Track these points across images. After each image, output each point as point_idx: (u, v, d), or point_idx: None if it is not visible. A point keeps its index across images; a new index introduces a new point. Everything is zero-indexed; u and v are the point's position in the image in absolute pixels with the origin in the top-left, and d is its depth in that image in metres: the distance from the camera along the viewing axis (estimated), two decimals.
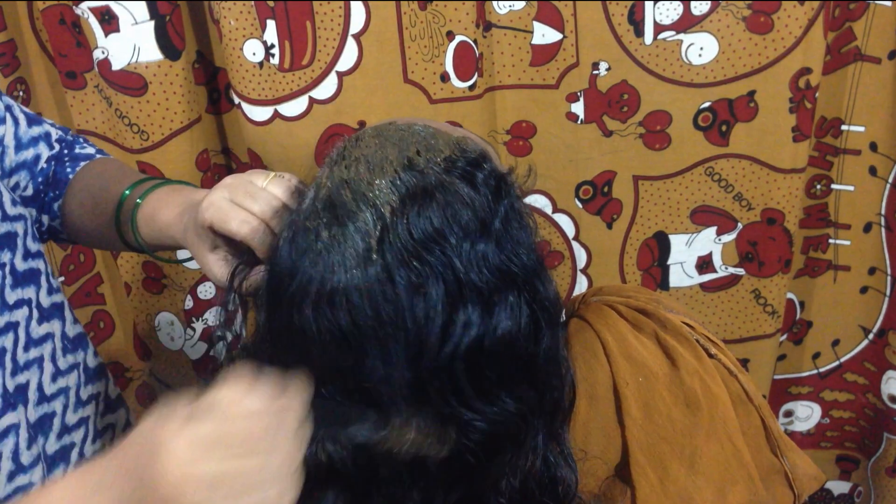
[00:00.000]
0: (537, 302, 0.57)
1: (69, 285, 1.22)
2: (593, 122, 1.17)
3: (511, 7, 1.11)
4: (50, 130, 0.85)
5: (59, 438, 0.78)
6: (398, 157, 0.57)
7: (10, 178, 0.80)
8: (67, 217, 0.84)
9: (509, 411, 0.56)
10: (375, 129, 0.62)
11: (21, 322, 0.74)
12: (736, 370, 0.69)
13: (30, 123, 0.82)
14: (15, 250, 0.74)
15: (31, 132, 0.82)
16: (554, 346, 0.59)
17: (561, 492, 0.61)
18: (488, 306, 0.55)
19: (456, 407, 0.55)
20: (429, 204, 0.55)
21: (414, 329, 0.53)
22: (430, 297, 0.53)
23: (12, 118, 0.80)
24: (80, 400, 0.82)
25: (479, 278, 0.54)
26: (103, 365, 0.89)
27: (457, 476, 0.58)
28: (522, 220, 0.59)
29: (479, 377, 0.55)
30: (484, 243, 0.55)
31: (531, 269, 0.57)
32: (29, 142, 0.81)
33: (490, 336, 0.54)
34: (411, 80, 1.13)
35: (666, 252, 1.26)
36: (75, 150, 0.86)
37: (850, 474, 1.47)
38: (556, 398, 0.60)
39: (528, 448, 0.58)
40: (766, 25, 1.10)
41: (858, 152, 1.22)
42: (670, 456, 0.64)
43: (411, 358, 0.54)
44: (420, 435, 0.55)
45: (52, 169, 0.83)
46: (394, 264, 0.53)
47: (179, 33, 1.13)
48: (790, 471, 0.69)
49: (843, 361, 1.37)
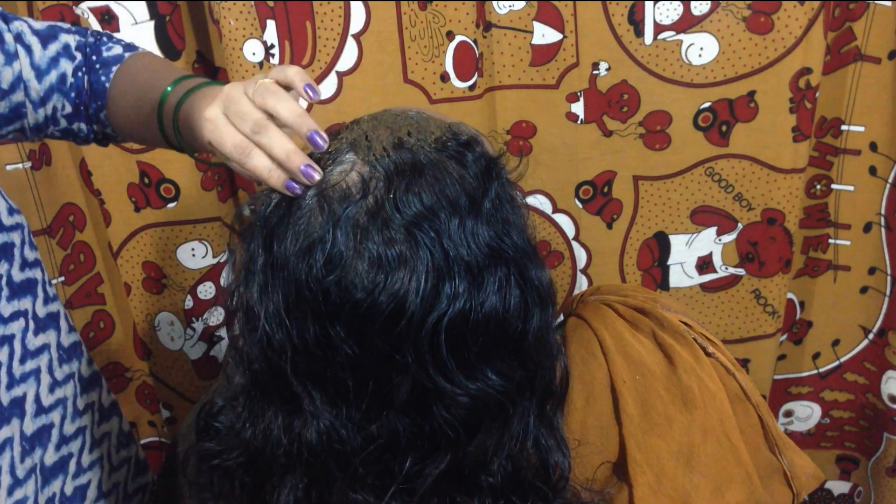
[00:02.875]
0: (527, 282, 0.57)
1: (69, 285, 1.23)
2: (593, 122, 1.17)
3: (511, 7, 1.11)
4: (68, 41, 0.80)
5: (57, 450, 0.77)
6: (389, 138, 0.58)
7: (44, 107, 0.78)
8: (115, 122, 0.80)
9: (494, 388, 0.56)
10: (371, 115, 0.63)
11: (17, 334, 0.73)
12: (733, 368, 0.69)
13: (44, 43, 0.78)
14: (12, 261, 0.73)
15: (48, 53, 0.78)
16: (544, 328, 0.59)
17: (554, 477, 0.61)
18: (477, 281, 0.55)
19: (435, 378, 0.55)
20: (418, 180, 0.55)
21: (400, 297, 0.53)
22: (417, 269, 0.53)
23: (24, 47, 0.76)
24: (76, 410, 0.81)
25: (467, 253, 0.55)
26: (97, 373, 0.88)
27: (438, 448, 0.58)
28: (513, 203, 0.59)
29: (462, 350, 0.55)
30: (473, 221, 0.55)
31: (521, 248, 0.57)
32: (49, 64, 0.78)
33: (476, 311, 0.54)
34: (411, 80, 1.13)
35: (666, 252, 1.26)
36: (102, 53, 0.81)
37: (850, 474, 1.47)
38: (547, 380, 0.60)
39: (516, 428, 0.58)
40: (766, 25, 1.10)
41: (858, 152, 1.22)
42: (667, 454, 0.63)
43: (394, 325, 0.54)
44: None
45: (86, 79, 0.80)
46: (383, 239, 0.53)
47: (179, 33, 1.13)
48: (788, 469, 0.69)
49: (843, 361, 1.37)
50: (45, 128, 0.80)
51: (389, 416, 0.56)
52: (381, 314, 0.53)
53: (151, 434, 1.41)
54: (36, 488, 0.74)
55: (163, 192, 1.23)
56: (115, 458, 0.88)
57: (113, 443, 0.89)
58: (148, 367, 1.36)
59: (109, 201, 1.24)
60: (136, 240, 1.26)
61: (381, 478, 0.58)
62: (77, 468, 0.80)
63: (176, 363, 1.35)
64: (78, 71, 0.79)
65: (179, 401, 1.39)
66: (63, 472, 0.78)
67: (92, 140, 0.83)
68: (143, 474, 0.95)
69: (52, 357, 0.77)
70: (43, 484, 0.75)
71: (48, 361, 0.77)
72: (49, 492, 0.76)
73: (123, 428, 0.91)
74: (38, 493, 0.74)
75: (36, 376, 0.75)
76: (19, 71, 0.76)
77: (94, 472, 0.84)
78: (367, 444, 0.57)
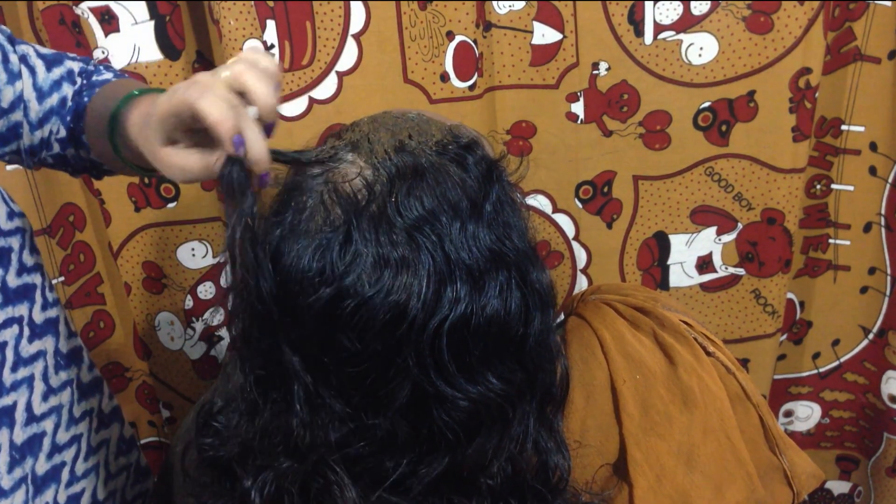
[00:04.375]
0: (528, 285, 0.57)
1: (69, 285, 1.23)
2: (593, 122, 1.17)
3: (511, 7, 1.11)
4: (73, 67, 0.80)
5: (49, 458, 0.75)
6: (390, 140, 0.58)
7: (41, 129, 0.77)
8: (90, 142, 0.78)
9: (495, 392, 0.56)
10: (370, 117, 0.63)
11: (9, 342, 0.71)
12: (734, 368, 0.69)
13: (49, 67, 0.78)
14: (8, 267, 0.71)
15: (51, 76, 0.78)
16: (545, 331, 0.59)
17: (554, 479, 0.61)
18: (478, 285, 0.55)
19: (436, 382, 0.55)
20: (419, 184, 0.55)
21: (402, 302, 0.53)
22: (419, 273, 0.53)
23: (28, 69, 0.76)
24: (72, 417, 0.79)
25: (468, 257, 0.54)
26: (99, 378, 0.86)
27: (437, 450, 0.57)
28: (514, 205, 0.59)
29: (463, 355, 0.55)
30: (474, 224, 0.55)
31: (522, 251, 0.57)
32: (51, 87, 0.78)
33: (478, 314, 0.54)
34: (411, 80, 1.13)
35: (666, 252, 1.26)
36: (93, 78, 0.81)
37: (850, 474, 1.47)
38: (548, 383, 0.60)
39: (516, 431, 0.58)
40: (766, 25, 1.10)
41: (858, 152, 1.22)
42: (668, 454, 0.63)
43: (394, 330, 0.54)
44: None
45: (77, 102, 0.80)
46: (386, 242, 0.53)
47: (179, 33, 1.13)
48: (789, 469, 0.69)
49: (843, 361, 1.37)
50: (40, 151, 0.80)
51: (388, 418, 0.56)
52: (382, 318, 0.53)
53: (151, 434, 1.41)
54: (26, 498, 0.72)
55: (163, 192, 1.23)
56: (113, 465, 0.87)
57: (112, 450, 0.87)
58: (148, 367, 1.36)
59: (109, 201, 1.24)
60: (136, 240, 1.26)
61: (376, 476, 0.58)
62: (71, 477, 0.78)
63: (176, 363, 1.35)
64: (77, 95, 0.80)
65: (179, 401, 1.39)
66: (55, 480, 0.76)
67: (82, 168, 0.82)
68: (144, 481, 0.93)
69: (47, 364, 0.75)
70: (35, 493, 0.73)
71: (43, 369, 0.75)
72: (41, 501, 0.74)
73: (124, 434, 0.90)
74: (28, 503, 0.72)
75: (29, 384, 0.73)
76: (21, 91, 0.76)
77: (90, 480, 0.82)
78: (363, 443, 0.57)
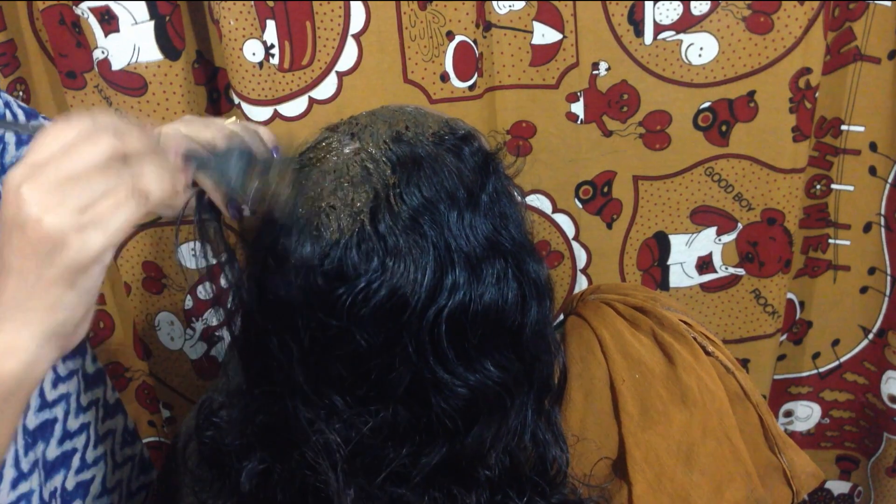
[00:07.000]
0: (524, 274, 0.58)
1: None
2: (593, 122, 1.17)
3: (511, 7, 1.11)
4: (45, 125, 0.83)
5: (60, 444, 0.78)
6: (388, 132, 0.59)
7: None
8: None
9: (492, 380, 0.57)
10: (368, 111, 0.64)
11: None
12: (733, 367, 0.69)
13: (28, 118, 0.82)
14: None
15: (28, 127, 0.80)
16: (542, 322, 0.59)
17: (552, 471, 0.61)
18: (476, 273, 0.55)
19: (435, 369, 0.55)
20: (418, 173, 0.56)
21: (403, 288, 0.54)
22: (420, 261, 0.54)
23: (11, 114, 0.79)
24: (80, 406, 0.82)
25: (466, 244, 0.55)
26: (101, 370, 0.88)
27: (436, 439, 0.58)
28: (511, 197, 0.60)
29: (462, 342, 0.56)
30: (471, 214, 0.56)
31: (519, 242, 0.58)
32: (28, 137, 0.80)
33: (476, 302, 0.55)
34: (411, 80, 1.13)
35: (666, 252, 1.26)
36: None
37: (850, 474, 1.47)
38: (545, 374, 0.61)
39: (514, 422, 0.59)
40: (766, 25, 1.10)
41: (858, 152, 1.22)
42: (667, 452, 0.63)
43: (396, 316, 0.54)
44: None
45: None
46: (387, 230, 0.54)
47: (179, 33, 1.13)
48: (788, 468, 0.69)
49: (843, 361, 1.37)
50: None
51: (388, 406, 0.56)
52: (383, 304, 0.53)
53: (151, 434, 1.41)
54: (40, 481, 0.74)
55: None
56: (118, 455, 0.89)
57: (117, 440, 0.89)
58: (148, 367, 1.36)
59: None
60: (136, 240, 1.26)
61: (376, 464, 0.58)
62: (81, 464, 0.81)
63: (176, 363, 1.35)
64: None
65: (179, 400, 1.39)
66: (65, 467, 0.79)
67: None
68: (147, 473, 0.96)
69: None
70: (45, 478, 0.75)
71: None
72: (51, 486, 0.76)
73: (128, 426, 0.92)
74: (42, 487, 0.74)
75: None
76: (3, 132, 0.77)
77: (99, 468, 0.84)
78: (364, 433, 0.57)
